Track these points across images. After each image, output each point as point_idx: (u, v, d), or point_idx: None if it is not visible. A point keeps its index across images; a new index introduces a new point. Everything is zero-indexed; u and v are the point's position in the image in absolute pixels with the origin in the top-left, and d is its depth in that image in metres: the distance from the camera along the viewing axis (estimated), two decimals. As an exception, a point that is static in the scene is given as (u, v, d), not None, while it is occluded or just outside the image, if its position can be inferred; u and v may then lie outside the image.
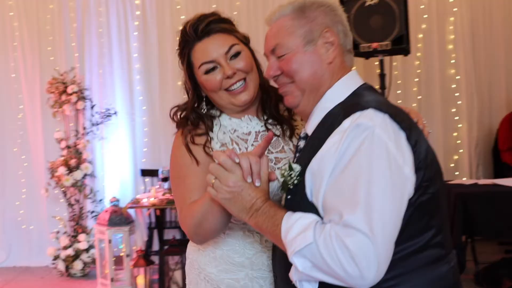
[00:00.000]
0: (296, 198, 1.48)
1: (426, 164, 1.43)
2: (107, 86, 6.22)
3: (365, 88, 1.59)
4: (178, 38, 1.90)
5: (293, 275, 1.39)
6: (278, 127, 1.92)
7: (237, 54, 1.83)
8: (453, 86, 6.47)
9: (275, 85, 1.70)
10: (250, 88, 1.84)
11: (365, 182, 1.31)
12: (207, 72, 1.82)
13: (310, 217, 1.38)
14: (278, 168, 1.83)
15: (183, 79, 1.93)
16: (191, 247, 1.97)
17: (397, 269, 1.38)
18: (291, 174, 1.48)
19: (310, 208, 1.42)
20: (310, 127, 1.59)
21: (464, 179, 6.11)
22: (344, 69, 1.60)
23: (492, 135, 6.52)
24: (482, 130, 6.54)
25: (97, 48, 6.20)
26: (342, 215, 1.30)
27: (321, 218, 1.40)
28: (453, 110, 6.46)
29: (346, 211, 1.30)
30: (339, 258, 1.27)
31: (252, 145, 1.88)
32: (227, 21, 1.89)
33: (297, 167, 1.48)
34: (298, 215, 1.39)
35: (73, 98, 5.75)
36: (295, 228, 1.36)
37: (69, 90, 5.74)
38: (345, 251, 1.26)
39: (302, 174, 1.47)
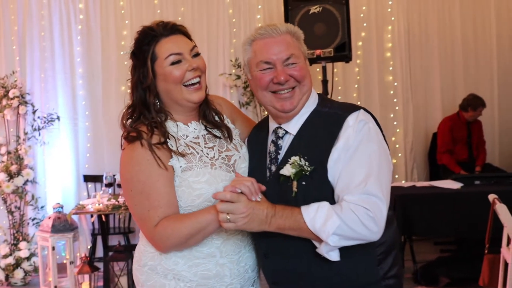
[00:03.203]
0: (313, 182, 1.83)
1: None
2: (49, 91, 6.10)
3: (321, 95, 2.08)
4: (135, 37, 2.03)
5: (322, 249, 1.76)
6: (217, 130, 2.11)
7: (197, 55, 2.03)
8: (391, 92, 6.71)
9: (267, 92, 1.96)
10: (203, 87, 2.04)
11: (375, 160, 1.79)
12: (173, 63, 1.96)
13: (325, 205, 1.76)
14: (231, 164, 2.05)
15: (136, 78, 2.01)
16: (148, 255, 2.01)
17: None
18: (305, 165, 1.82)
19: (326, 188, 1.82)
20: (293, 127, 1.96)
21: (404, 182, 6.34)
22: None
23: (428, 139, 6.80)
24: (417, 135, 6.82)
25: (39, 52, 6.08)
26: (366, 184, 1.74)
27: (328, 194, 1.82)
28: (392, 115, 6.71)
29: (367, 181, 1.74)
30: (363, 223, 1.70)
31: (205, 147, 2.03)
32: (187, 30, 2.09)
33: (301, 159, 1.84)
34: (314, 206, 1.76)
35: (15, 102, 5.63)
36: (319, 217, 1.73)
37: (11, 94, 5.62)
38: (367, 216, 1.70)
39: (313, 163, 1.83)
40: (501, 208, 3.61)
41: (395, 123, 6.71)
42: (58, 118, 5.95)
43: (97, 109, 6.23)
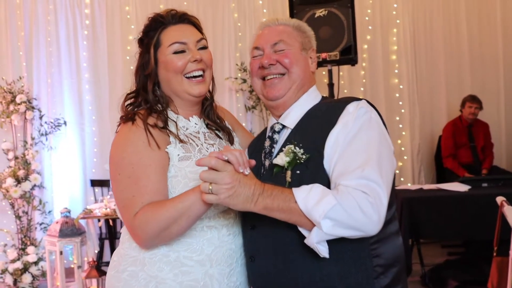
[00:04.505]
0: (307, 171, 1.71)
1: None
2: (56, 96, 6.13)
3: (325, 96, 2.02)
4: (145, 24, 1.98)
5: (313, 238, 1.57)
6: (218, 131, 2.06)
7: (204, 47, 1.97)
8: (397, 95, 6.72)
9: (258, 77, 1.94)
10: (206, 82, 1.96)
11: (375, 147, 1.66)
12: (176, 52, 1.90)
13: (319, 185, 1.60)
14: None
15: (139, 64, 1.97)
16: (129, 259, 1.86)
17: (379, 234, 1.64)
18: (300, 153, 1.72)
19: (322, 177, 1.68)
20: (290, 121, 1.89)
21: (409, 184, 6.33)
22: (314, 81, 2.00)
23: (434, 142, 6.79)
24: (424, 138, 6.82)
25: (45, 57, 6.11)
26: (363, 169, 1.58)
27: (324, 184, 1.65)
28: (397, 118, 6.71)
29: (366, 166, 1.59)
30: (362, 208, 1.52)
31: (205, 142, 1.95)
32: (198, 22, 2.04)
33: (295, 147, 1.74)
34: (307, 186, 1.60)
35: (22, 108, 5.66)
36: (312, 196, 1.56)
37: (18, 99, 5.65)
38: (366, 201, 1.53)
39: (309, 151, 1.73)
40: (509, 211, 3.59)
41: (400, 126, 6.71)
42: (65, 123, 5.99)
43: (103, 114, 6.25)
